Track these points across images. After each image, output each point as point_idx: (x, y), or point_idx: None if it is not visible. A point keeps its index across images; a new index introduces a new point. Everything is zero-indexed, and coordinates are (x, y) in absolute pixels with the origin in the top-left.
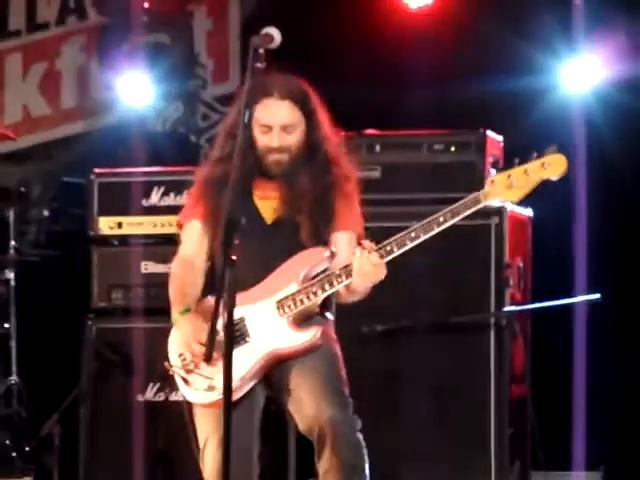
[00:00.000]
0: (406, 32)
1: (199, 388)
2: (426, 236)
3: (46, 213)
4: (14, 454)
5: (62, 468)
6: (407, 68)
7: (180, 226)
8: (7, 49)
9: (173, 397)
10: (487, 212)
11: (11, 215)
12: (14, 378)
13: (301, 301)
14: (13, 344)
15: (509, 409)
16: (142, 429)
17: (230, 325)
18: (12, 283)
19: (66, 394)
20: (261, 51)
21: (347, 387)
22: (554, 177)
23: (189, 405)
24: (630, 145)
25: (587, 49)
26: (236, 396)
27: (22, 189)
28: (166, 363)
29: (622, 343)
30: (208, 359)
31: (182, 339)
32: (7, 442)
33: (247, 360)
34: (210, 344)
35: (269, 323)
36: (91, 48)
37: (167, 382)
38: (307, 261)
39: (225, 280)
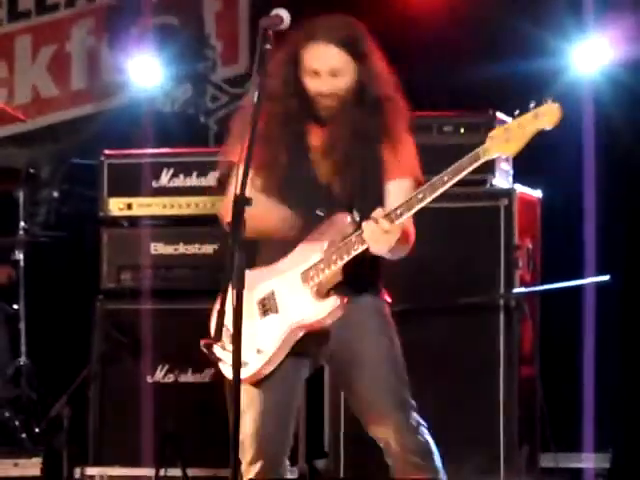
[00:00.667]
0: (418, 15)
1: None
2: (433, 196)
3: (56, 194)
4: (23, 435)
5: (71, 449)
6: (419, 50)
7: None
8: (16, 30)
9: (182, 379)
10: (496, 194)
11: (21, 196)
12: (23, 359)
13: (322, 270)
14: (22, 325)
15: (518, 391)
16: (151, 410)
17: (239, 308)
18: (22, 264)
19: (75, 375)
20: (270, 32)
21: (407, 384)
22: (548, 126)
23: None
24: (639, 125)
25: (596, 31)
26: (267, 369)
27: (32, 170)
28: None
29: (631, 324)
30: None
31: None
32: (16, 423)
33: (276, 333)
34: (219, 322)
35: (295, 294)
36: (100, 30)
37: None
38: (331, 229)
39: (234, 260)
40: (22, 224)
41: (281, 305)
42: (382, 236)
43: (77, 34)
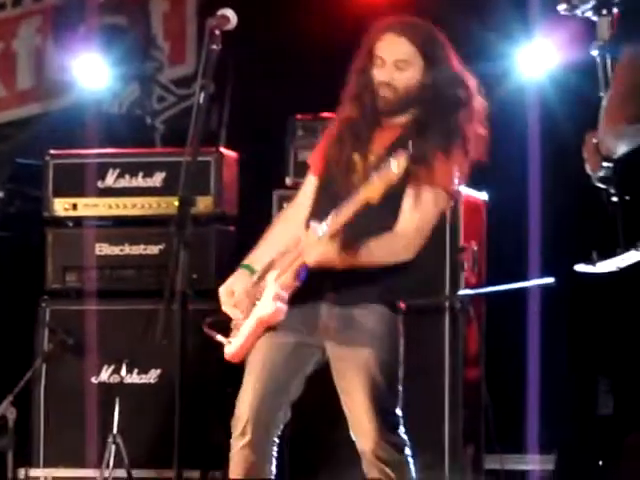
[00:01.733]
0: (364, 18)
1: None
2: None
3: (0, 194)
4: None
5: (16, 450)
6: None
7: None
8: None
9: (128, 379)
10: None
11: None
12: None
13: (282, 274)
14: None
15: (463, 392)
16: (96, 411)
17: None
18: None
19: (20, 376)
20: (217, 32)
21: (398, 398)
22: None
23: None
24: (584, 128)
25: (542, 34)
26: (242, 353)
27: None
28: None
29: (576, 326)
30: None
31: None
32: None
33: (247, 323)
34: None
35: (269, 289)
36: (47, 29)
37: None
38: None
39: (178, 260)
40: None
41: (262, 297)
42: (312, 246)
43: (24, 33)
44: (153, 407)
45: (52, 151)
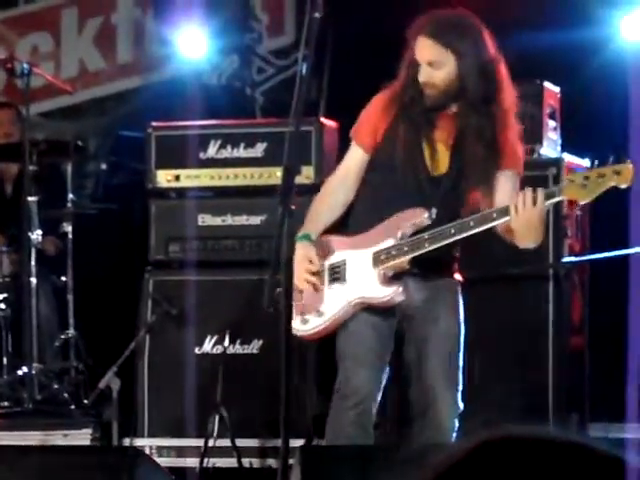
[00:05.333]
0: None
1: (302, 318)
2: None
3: (104, 167)
4: (72, 407)
5: (121, 420)
6: None
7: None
8: (62, 3)
9: (231, 350)
10: (545, 163)
11: (69, 169)
12: (71, 331)
13: (393, 257)
14: (70, 297)
15: (567, 360)
16: (199, 381)
17: (289, 275)
18: (70, 236)
19: (124, 347)
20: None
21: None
22: (624, 185)
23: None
24: None
25: None
26: (323, 332)
27: (79, 143)
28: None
29: None
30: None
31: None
32: (65, 395)
33: (338, 301)
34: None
35: (363, 271)
36: (146, 2)
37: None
38: (407, 220)
39: (283, 229)
40: (70, 196)
41: (349, 277)
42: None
43: (123, 6)
44: (255, 377)
45: (154, 123)
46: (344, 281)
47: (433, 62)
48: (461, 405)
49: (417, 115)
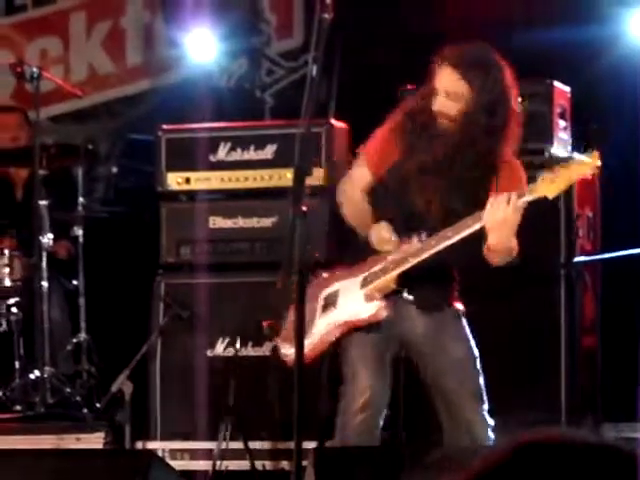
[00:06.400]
0: None
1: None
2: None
3: (114, 170)
4: (85, 410)
5: (133, 424)
6: (474, 18)
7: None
8: (71, 7)
9: (242, 352)
10: (555, 163)
11: (79, 172)
12: (83, 335)
13: (378, 276)
14: (82, 301)
15: (580, 360)
16: (211, 384)
17: (301, 282)
18: (81, 240)
19: (135, 350)
20: (328, 1)
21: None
22: (589, 174)
23: None
24: None
25: None
26: (312, 354)
27: (90, 146)
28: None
29: None
30: None
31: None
32: (78, 399)
33: (326, 325)
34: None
35: (352, 296)
36: (155, 5)
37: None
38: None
39: (295, 233)
40: (81, 200)
41: (340, 303)
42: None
43: (132, 9)
44: (268, 379)
45: (164, 126)
46: (335, 307)
47: (451, 93)
48: (491, 421)
49: (424, 141)
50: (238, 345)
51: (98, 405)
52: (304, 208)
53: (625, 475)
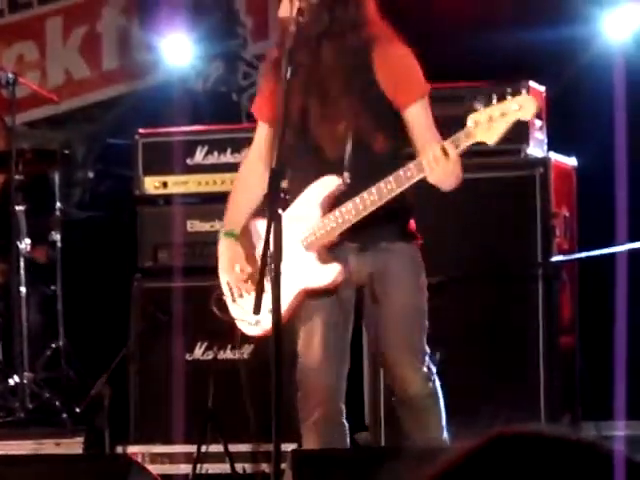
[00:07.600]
0: None
1: (246, 322)
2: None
3: (91, 175)
4: (64, 415)
5: (113, 428)
6: (445, 19)
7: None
8: (47, 12)
9: (222, 355)
10: (531, 163)
11: (56, 177)
12: (62, 340)
13: (321, 237)
14: (60, 306)
15: (558, 360)
16: (190, 388)
17: (277, 278)
18: (59, 245)
19: (114, 355)
20: (302, 5)
21: (425, 332)
22: (527, 118)
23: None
24: None
25: None
26: (264, 328)
27: (66, 151)
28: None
29: None
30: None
31: (222, 264)
32: (57, 403)
33: (285, 296)
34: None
35: (300, 261)
36: (132, 9)
37: (216, 339)
38: (321, 192)
39: (270, 235)
40: (58, 205)
41: (287, 270)
42: (443, 163)
43: (108, 14)
44: (247, 382)
45: (141, 130)
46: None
47: None
48: (433, 368)
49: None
50: (217, 348)
51: (77, 410)
52: (280, 210)
53: (602, 470)
